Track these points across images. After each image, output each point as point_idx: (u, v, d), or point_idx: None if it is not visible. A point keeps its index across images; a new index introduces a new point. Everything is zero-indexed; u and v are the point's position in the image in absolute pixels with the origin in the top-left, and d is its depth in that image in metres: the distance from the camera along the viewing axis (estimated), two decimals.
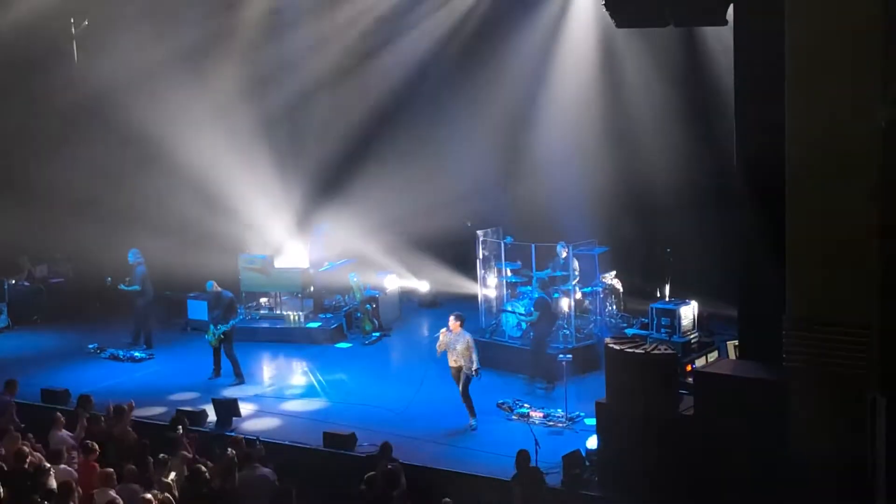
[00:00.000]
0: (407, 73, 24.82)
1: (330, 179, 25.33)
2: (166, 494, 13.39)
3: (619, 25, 15.38)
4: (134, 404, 16.87)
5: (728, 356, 18.21)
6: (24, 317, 24.96)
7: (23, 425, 16.64)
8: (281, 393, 19.64)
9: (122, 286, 22.57)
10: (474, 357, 17.44)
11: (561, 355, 18.30)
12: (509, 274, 21.38)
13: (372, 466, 14.59)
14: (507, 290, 21.27)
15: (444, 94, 24.96)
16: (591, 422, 16.37)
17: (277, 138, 25.35)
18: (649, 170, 22.30)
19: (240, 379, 20.31)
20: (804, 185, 13.16)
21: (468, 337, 17.65)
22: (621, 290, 21.69)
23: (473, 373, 17.45)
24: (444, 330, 17.78)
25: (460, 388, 17.65)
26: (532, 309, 19.68)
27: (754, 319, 14.96)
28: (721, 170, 17.81)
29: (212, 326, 20.55)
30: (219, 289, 20.86)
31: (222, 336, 20.40)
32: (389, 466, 14.51)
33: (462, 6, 24.18)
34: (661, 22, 14.80)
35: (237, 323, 20.92)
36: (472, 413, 17.68)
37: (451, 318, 17.72)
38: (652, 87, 22.49)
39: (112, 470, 13.81)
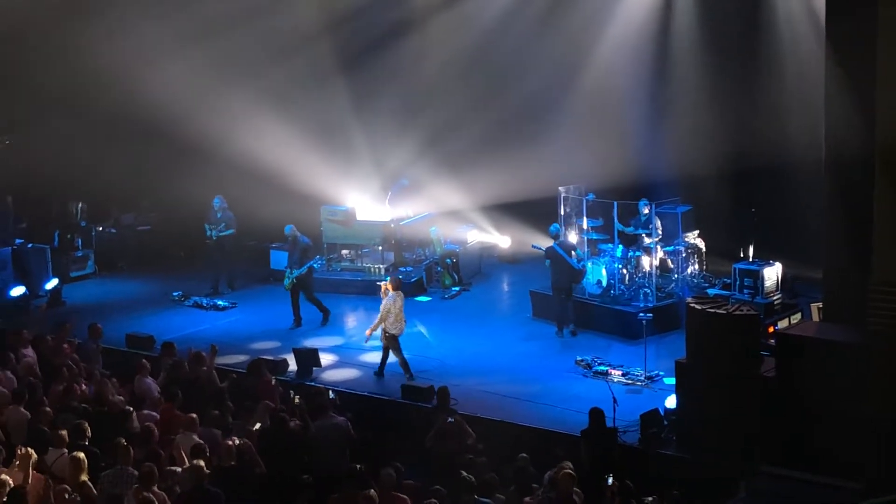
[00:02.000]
0: (490, 28, 24.62)
1: (408, 127, 25.21)
2: (246, 441, 13.59)
3: None
4: (217, 348, 17.09)
5: (812, 318, 17.99)
6: (109, 264, 25.35)
7: (107, 372, 16.96)
8: (360, 344, 19.75)
9: (214, 232, 22.85)
10: (391, 319, 17.86)
11: (641, 314, 18.22)
12: (590, 231, 21.24)
13: (431, 418, 14.75)
14: (587, 247, 21.14)
15: (528, 51, 24.71)
16: (671, 381, 16.35)
17: (363, 87, 25.27)
18: (736, 130, 22.02)
19: (325, 317, 20.75)
20: (893, 151, 12.96)
21: (392, 299, 17.98)
22: (704, 249, 21.46)
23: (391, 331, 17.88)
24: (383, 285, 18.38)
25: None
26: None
27: (839, 282, 14.76)
28: (811, 138, 17.51)
29: (287, 271, 20.74)
30: (297, 233, 21.10)
31: (295, 280, 20.60)
32: (449, 420, 14.57)
33: None
34: None
35: (313, 268, 21.07)
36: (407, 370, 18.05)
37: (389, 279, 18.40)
38: (736, 50, 22.26)
39: (195, 415, 14.03)
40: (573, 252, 20.20)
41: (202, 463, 12.11)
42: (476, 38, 24.50)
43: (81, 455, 12.10)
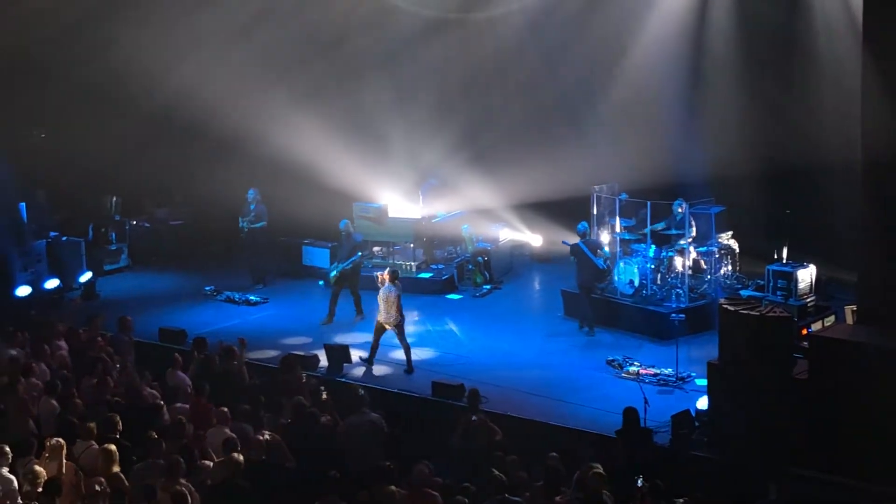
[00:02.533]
0: (524, 26, 24.57)
1: (442, 125, 25.20)
2: (276, 435, 13.62)
3: None
4: (246, 341, 17.15)
5: (845, 321, 17.86)
6: (143, 257, 25.48)
7: (139, 365, 17.05)
8: (391, 341, 19.75)
9: (246, 224, 22.93)
10: (391, 309, 18.24)
11: (673, 314, 18.14)
12: (622, 230, 21.18)
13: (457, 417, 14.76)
14: (619, 247, 21.08)
15: (563, 50, 24.63)
16: (702, 382, 16.28)
17: (398, 85, 25.29)
18: (772, 130, 21.90)
19: (359, 314, 20.73)
20: None
21: (391, 291, 18.26)
22: (737, 250, 21.35)
23: (391, 322, 18.26)
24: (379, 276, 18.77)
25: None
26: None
27: (873, 284, 14.66)
28: (846, 139, 17.40)
29: (335, 264, 20.88)
30: (351, 229, 21.28)
31: (339, 274, 20.66)
32: (473, 418, 14.56)
33: None
34: None
35: (359, 264, 21.12)
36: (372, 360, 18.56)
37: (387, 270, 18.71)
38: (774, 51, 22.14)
39: (226, 409, 14.07)
40: (599, 251, 20.17)
41: (236, 456, 12.14)
42: (511, 37, 24.45)
43: (113, 447, 12.17)
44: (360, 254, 21.20)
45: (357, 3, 24.91)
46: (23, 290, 21.71)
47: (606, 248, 21.16)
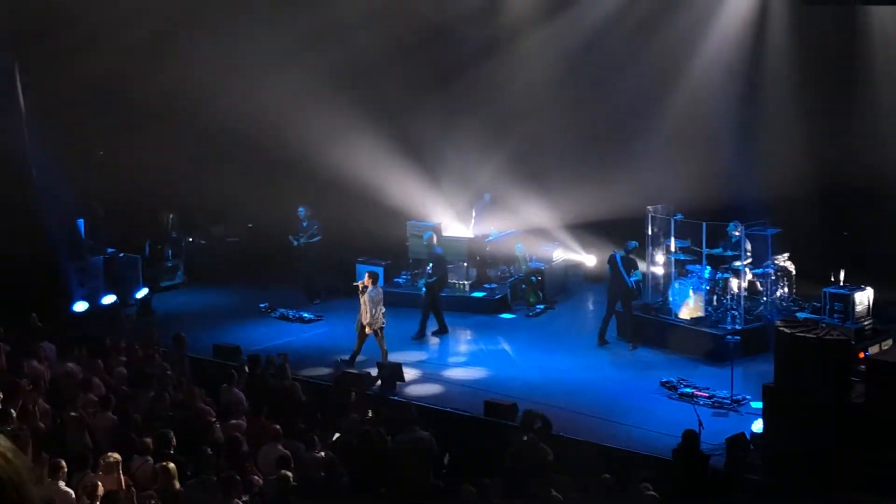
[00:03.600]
0: (579, 46, 24.54)
1: (497, 144, 25.21)
2: (330, 453, 13.66)
3: (806, 1, 15.02)
4: (288, 356, 17.22)
5: None
6: (198, 274, 25.66)
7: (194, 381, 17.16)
8: (444, 360, 19.79)
9: (301, 240, 23.04)
10: (375, 311, 19.01)
11: (728, 336, 18.02)
12: (677, 251, 21.06)
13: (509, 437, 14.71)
14: (674, 267, 20.97)
15: (618, 69, 24.57)
16: (758, 405, 16.13)
17: (452, 104, 25.32)
18: (829, 151, 21.71)
19: (419, 336, 20.68)
20: None
21: (371, 292, 19.01)
22: (794, 272, 21.16)
23: (374, 325, 19.01)
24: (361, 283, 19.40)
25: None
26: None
27: None
28: None
29: (422, 280, 20.92)
30: (433, 242, 21.26)
31: (426, 287, 20.70)
32: (525, 438, 14.51)
33: None
34: None
35: (442, 280, 21.15)
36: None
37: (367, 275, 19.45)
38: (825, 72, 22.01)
39: (279, 427, 14.13)
40: (632, 270, 20.14)
41: (288, 474, 12.19)
42: (565, 57, 24.44)
43: (172, 465, 12.20)
44: (445, 267, 21.08)
45: (410, 25, 25.01)
46: (80, 306, 21.96)
47: (659, 270, 21.09)
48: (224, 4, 24.79)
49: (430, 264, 21.13)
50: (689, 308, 19.91)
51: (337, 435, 14.61)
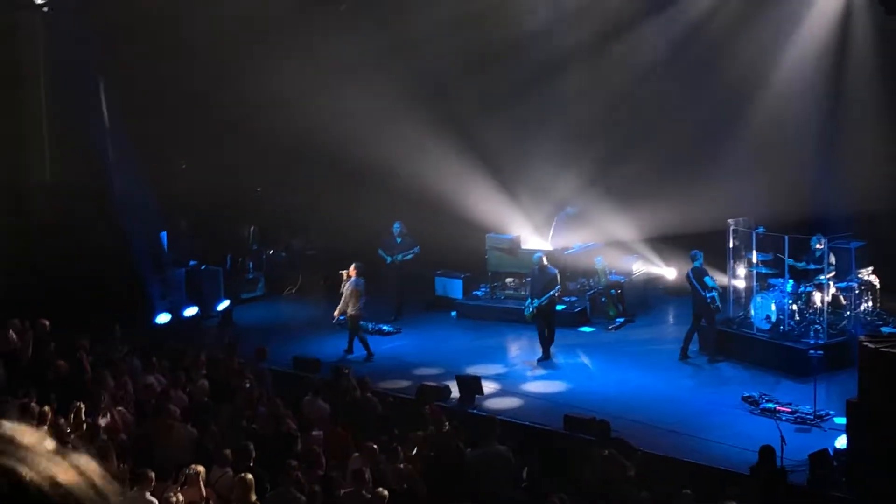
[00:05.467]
0: (660, 58, 24.40)
1: (576, 156, 25.12)
2: (410, 466, 13.68)
3: (890, 11, 14.82)
4: (351, 369, 17.26)
5: None
6: (279, 286, 25.84)
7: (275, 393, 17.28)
8: (523, 373, 19.74)
9: (399, 256, 23.11)
10: (360, 302, 20.57)
11: (811, 351, 17.78)
12: (759, 264, 20.82)
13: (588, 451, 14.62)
14: (756, 281, 20.74)
15: (699, 81, 24.38)
16: (841, 421, 15.88)
17: (532, 116, 25.29)
18: None
19: (545, 356, 20.33)
20: None
21: (354, 283, 20.44)
22: (878, 286, 20.83)
23: (354, 313, 20.52)
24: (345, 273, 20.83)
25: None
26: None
27: None
28: None
29: (528, 300, 20.69)
30: (545, 263, 20.76)
31: (536, 311, 20.41)
32: (605, 453, 14.40)
33: None
34: None
35: (555, 299, 20.73)
36: (367, 350, 20.65)
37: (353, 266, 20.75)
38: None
39: (361, 439, 14.19)
40: (703, 279, 19.99)
41: (384, 492, 12.20)
42: (646, 68, 24.30)
43: (250, 476, 12.29)
44: (557, 287, 20.64)
45: (490, 35, 25.03)
46: (162, 318, 22.24)
47: (740, 283, 20.88)
48: (305, 18, 24.98)
49: (541, 284, 20.60)
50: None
51: (415, 448, 14.62)
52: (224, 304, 23.61)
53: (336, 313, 20.93)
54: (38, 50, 23.01)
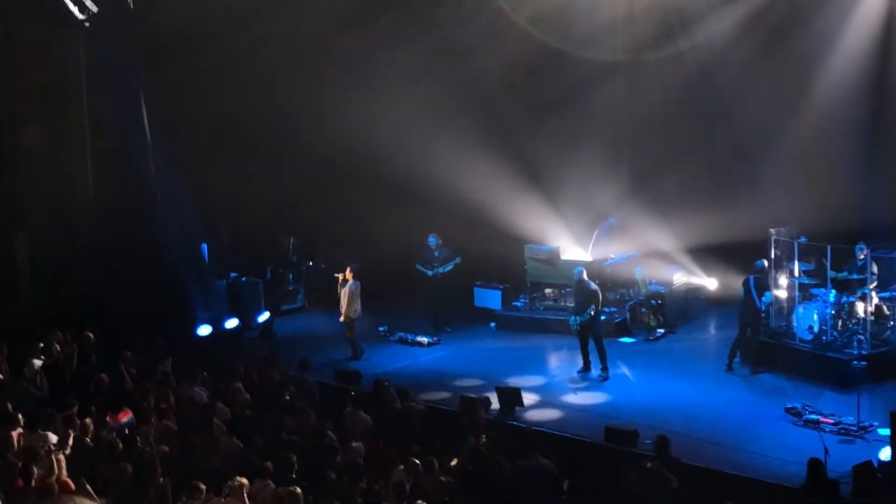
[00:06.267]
0: (700, 69, 24.32)
1: (616, 167, 25.09)
2: (451, 478, 13.68)
3: None
4: (387, 383, 17.25)
5: None
6: (319, 298, 25.89)
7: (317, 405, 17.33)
8: (564, 385, 19.68)
9: (441, 269, 23.11)
10: (356, 304, 21.42)
11: (855, 361, 17.64)
12: (801, 275, 20.68)
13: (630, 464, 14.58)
14: (798, 291, 20.60)
15: (739, 91, 24.27)
16: (885, 432, 15.76)
17: (572, 126, 25.25)
18: None
19: (604, 372, 20.06)
20: None
21: (351, 286, 21.28)
22: None
23: (352, 316, 21.38)
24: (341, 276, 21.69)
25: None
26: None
27: None
28: None
29: (572, 316, 20.62)
30: (584, 277, 20.50)
31: (578, 328, 20.24)
32: (648, 465, 14.32)
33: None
34: None
35: (598, 314, 20.35)
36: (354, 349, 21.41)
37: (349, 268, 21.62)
38: None
39: (396, 451, 14.21)
40: (763, 293, 19.86)
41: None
42: (683, 80, 24.20)
43: (298, 490, 12.28)
44: (592, 306, 20.14)
45: (527, 49, 25.01)
46: (204, 330, 22.35)
47: (782, 293, 20.77)
48: (343, 31, 25.08)
49: (578, 299, 20.47)
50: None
51: (454, 460, 14.62)
52: (264, 316, 23.71)
53: (342, 318, 21.58)
54: (79, 66, 23.18)
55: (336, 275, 21.54)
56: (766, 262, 20.30)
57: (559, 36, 24.78)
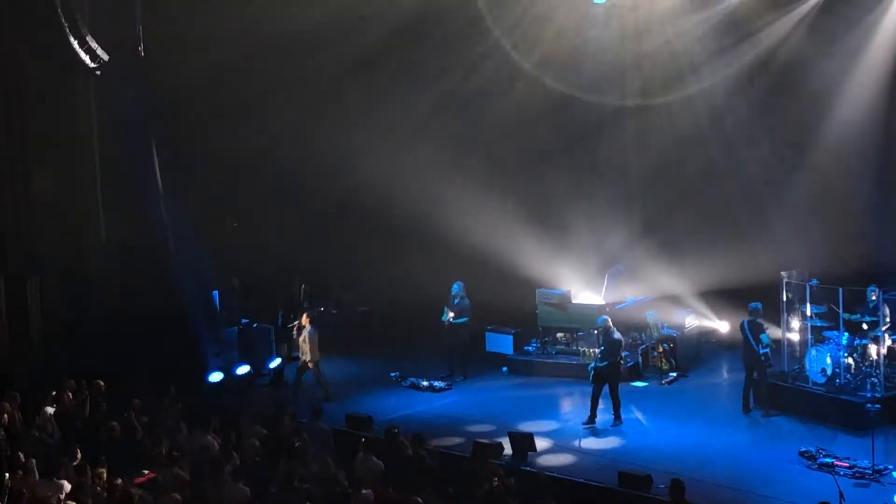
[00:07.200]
0: (710, 112, 24.41)
1: (626, 210, 25.13)
2: None
3: None
4: (397, 429, 17.22)
5: None
6: (330, 343, 25.83)
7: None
8: (576, 429, 19.61)
9: (457, 320, 23.05)
10: (316, 349, 21.76)
11: (869, 404, 17.57)
12: (813, 317, 20.63)
13: None
14: (810, 334, 20.55)
15: (749, 135, 24.33)
16: None
17: (581, 171, 25.32)
18: None
19: (617, 420, 19.91)
20: None
21: (309, 332, 21.71)
22: None
23: (309, 364, 21.69)
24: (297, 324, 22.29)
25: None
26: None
27: None
28: None
29: (593, 361, 20.49)
30: (610, 326, 20.34)
31: (594, 373, 20.04)
32: None
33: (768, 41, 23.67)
34: None
35: (617, 364, 20.21)
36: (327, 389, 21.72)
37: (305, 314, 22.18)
38: None
39: (404, 499, 14.14)
40: (759, 335, 19.80)
41: None
42: (695, 123, 24.30)
43: None
44: (611, 358, 20.02)
45: (536, 94, 25.12)
46: (215, 377, 22.33)
47: (794, 336, 20.71)
48: (350, 80, 25.25)
49: (602, 348, 20.30)
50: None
51: None
52: (276, 362, 23.67)
53: (304, 360, 21.99)
54: (91, 113, 23.31)
55: (293, 322, 21.61)
56: (759, 305, 20.24)
57: (568, 81, 24.92)
